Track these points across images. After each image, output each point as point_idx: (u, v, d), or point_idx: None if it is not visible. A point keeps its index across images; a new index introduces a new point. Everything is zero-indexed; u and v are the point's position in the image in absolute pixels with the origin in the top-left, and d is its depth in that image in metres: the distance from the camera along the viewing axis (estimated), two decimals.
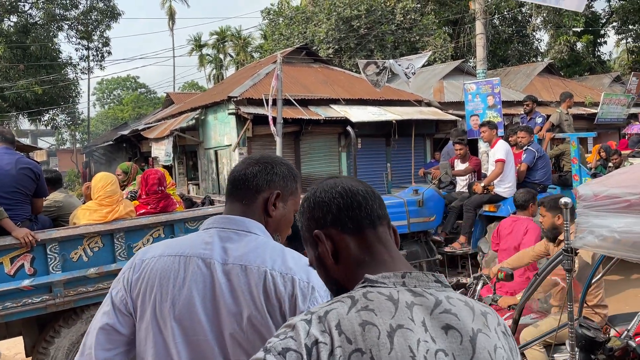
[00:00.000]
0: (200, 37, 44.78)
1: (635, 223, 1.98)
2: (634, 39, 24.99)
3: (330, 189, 1.10)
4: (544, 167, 6.93)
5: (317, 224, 1.09)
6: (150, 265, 1.38)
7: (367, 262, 1.03)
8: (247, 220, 1.43)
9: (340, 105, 12.93)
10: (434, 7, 21.79)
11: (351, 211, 1.06)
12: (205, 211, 4.90)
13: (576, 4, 7.41)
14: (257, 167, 1.48)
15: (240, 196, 1.47)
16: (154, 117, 19.85)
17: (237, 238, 1.39)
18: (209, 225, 1.44)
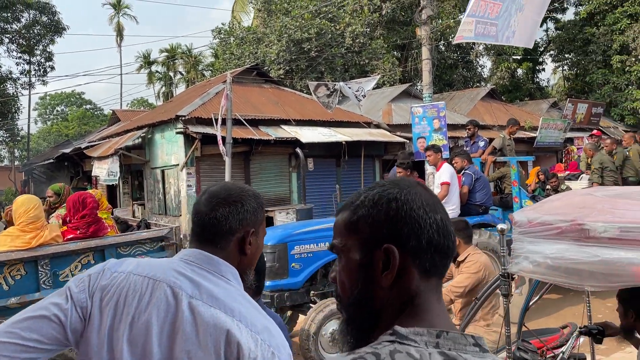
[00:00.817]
0: (150, 54, 44.09)
1: (567, 249, 2.06)
2: (569, 67, 26.44)
3: (430, 211, 0.91)
4: (483, 189, 7.14)
5: (393, 238, 0.90)
6: (118, 279, 1.31)
7: (414, 306, 0.90)
8: (223, 263, 1.37)
9: (291, 126, 12.96)
10: (382, 31, 22.35)
11: (439, 254, 0.91)
12: (139, 235, 4.76)
13: (525, 40, 7.79)
14: (226, 207, 1.41)
15: (212, 240, 1.40)
16: (99, 134, 19.25)
17: (211, 278, 1.33)
18: (185, 257, 1.38)
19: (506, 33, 7.19)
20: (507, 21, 7.14)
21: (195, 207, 1.44)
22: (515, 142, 17.31)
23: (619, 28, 21.69)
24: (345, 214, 0.96)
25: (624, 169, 9.22)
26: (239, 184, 1.52)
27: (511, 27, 7.19)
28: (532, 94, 26.13)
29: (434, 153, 7.05)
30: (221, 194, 1.44)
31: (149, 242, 5.09)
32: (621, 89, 22.04)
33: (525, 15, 7.29)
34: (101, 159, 13.12)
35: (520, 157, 8.67)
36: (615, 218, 2.00)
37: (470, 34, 7.12)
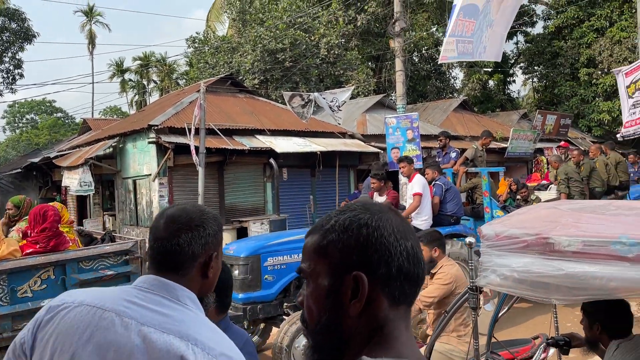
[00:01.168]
0: (123, 62, 43.55)
1: (532, 263, 2.09)
2: (539, 79, 27.05)
3: (402, 239, 0.90)
4: (454, 199, 7.24)
5: (363, 265, 0.88)
6: (65, 311, 1.26)
7: (382, 335, 0.89)
8: (180, 288, 1.32)
9: (266, 136, 12.93)
10: (357, 42, 22.54)
11: (409, 282, 0.90)
12: (102, 249, 4.67)
13: (495, 54, 7.96)
14: (189, 232, 1.37)
15: (174, 267, 1.35)
16: (69, 143, 18.87)
17: (167, 304, 1.28)
18: (139, 284, 1.32)
19: (479, 49, 7.35)
20: (480, 37, 7.30)
21: (154, 232, 1.38)
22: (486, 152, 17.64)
23: (585, 42, 22.32)
24: (315, 238, 0.94)
25: (590, 179, 9.42)
26: (197, 206, 1.48)
27: (483, 42, 7.35)
28: (503, 105, 26.63)
29: (408, 164, 7.13)
30: (182, 217, 1.39)
31: (112, 256, 4.99)
32: (588, 101, 22.64)
33: (494, 30, 7.47)
34: (71, 168, 12.86)
35: (491, 168, 8.81)
36: (579, 232, 2.04)
37: (453, 53, 7.27)
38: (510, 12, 7.63)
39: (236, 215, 12.53)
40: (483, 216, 8.02)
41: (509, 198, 9.95)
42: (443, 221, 7.06)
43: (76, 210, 15.83)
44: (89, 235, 6.09)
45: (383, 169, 8.16)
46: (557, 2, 23.20)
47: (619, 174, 10.19)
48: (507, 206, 8.58)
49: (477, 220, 8.20)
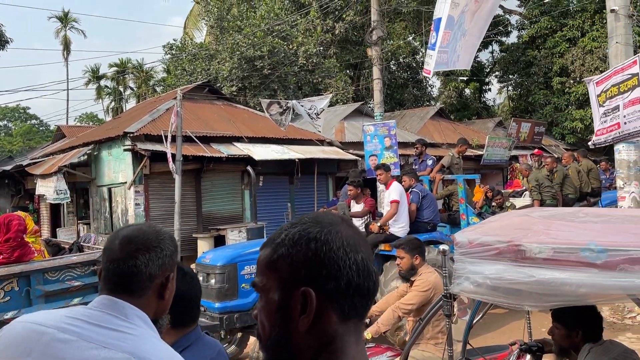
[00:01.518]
0: (99, 69, 42.98)
1: (505, 270, 2.11)
2: (513, 88, 27.55)
3: (351, 252, 0.88)
4: (430, 206, 7.27)
5: (311, 280, 0.87)
6: (9, 331, 1.23)
7: (330, 351, 0.88)
8: (129, 306, 1.29)
9: (243, 143, 12.88)
10: (335, 50, 22.67)
11: (359, 296, 0.89)
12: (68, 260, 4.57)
13: (466, 63, 8.07)
14: (146, 254, 1.34)
15: (130, 289, 1.32)
16: (42, 151, 18.51)
17: (113, 321, 1.25)
18: (91, 305, 1.30)
19: (453, 58, 7.44)
20: (454, 47, 7.40)
21: (109, 253, 1.35)
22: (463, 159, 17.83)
23: (558, 51, 22.83)
24: (267, 252, 0.93)
25: (563, 186, 9.59)
26: (153, 226, 1.45)
27: (457, 51, 7.44)
28: (479, 113, 27.03)
29: (385, 172, 7.15)
30: (138, 238, 1.36)
31: (79, 266, 4.89)
32: (561, 109, 23.12)
33: (467, 39, 7.57)
34: (45, 176, 12.61)
35: (467, 175, 8.90)
36: (549, 239, 2.07)
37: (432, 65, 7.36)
38: (484, 22, 7.75)
39: (213, 223, 12.43)
40: (459, 223, 8.08)
41: (484, 205, 10.07)
42: (420, 228, 7.07)
43: (50, 219, 15.51)
44: (57, 245, 5.96)
45: (360, 176, 8.18)
46: (531, 13, 23.70)
47: (591, 180, 10.40)
48: (482, 213, 8.68)
49: (454, 227, 8.26)
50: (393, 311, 3.89)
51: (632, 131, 7.33)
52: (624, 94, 7.32)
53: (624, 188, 7.93)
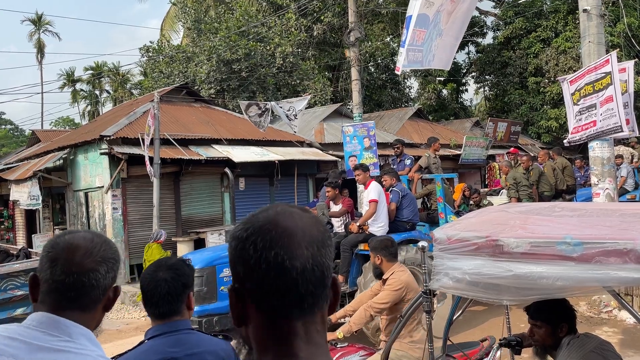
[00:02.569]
0: (74, 72, 42.33)
1: (483, 265, 2.13)
2: (490, 88, 27.90)
3: (263, 248, 0.84)
4: (410, 206, 7.30)
5: (236, 279, 0.88)
6: None
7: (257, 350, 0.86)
8: (73, 325, 1.21)
9: (222, 145, 12.79)
10: (314, 52, 22.68)
11: (275, 295, 0.84)
12: (11, 268, 4.39)
13: (444, 63, 8.14)
14: (105, 266, 1.27)
15: (83, 304, 1.24)
16: (17, 156, 18.13)
17: (56, 343, 1.17)
18: (27, 322, 1.20)
19: (428, 57, 7.50)
20: (429, 46, 7.46)
21: (63, 265, 1.24)
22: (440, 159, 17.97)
23: (533, 52, 23.20)
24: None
25: (539, 184, 9.73)
26: (97, 234, 1.36)
27: (432, 51, 7.51)
28: (457, 114, 27.32)
29: (363, 172, 7.17)
30: (95, 249, 1.28)
31: (23, 275, 4.64)
32: (537, 108, 23.49)
33: (444, 39, 7.64)
34: (19, 182, 12.35)
35: (445, 175, 9.00)
36: (526, 233, 2.09)
37: (405, 62, 7.39)
38: (461, 22, 7.83)
39: (193, 226, 12.32)
40: (438, 222, 8.16)
41: (462, 203, 10.17)
42: (399, 227, 7.11)
43: (25, 225, 15.19)
44: (5, 252, 5.71)
45: (339, 177, 8.19)
46: (506, 14, 24.05)
47: (566, 178, 10.58)
48: (460, 212, 8.78)
49: (432, 226, 8.34)
50: (365, 310, 3.92)
51: (605, 129, 7.48)
52: (599, 92, 7.47)
53: (598, 184, 8.09)
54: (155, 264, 2.08)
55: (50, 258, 1.25)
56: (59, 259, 1.24)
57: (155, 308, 1.99)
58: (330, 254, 0.87)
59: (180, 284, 2.02)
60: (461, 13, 7.81)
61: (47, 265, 1.25)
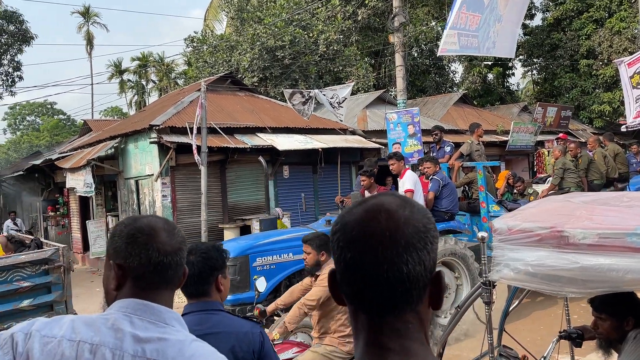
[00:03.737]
0: (121, 63, 43.49)
1: (547, 256, 2.08)
2: (538, 71, 26.99)
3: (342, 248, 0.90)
4: (450, 195, 7.05)
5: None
6: (49, 347, 1.18)
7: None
8: (166, 310, 1.27)
9: (267, 134, 12.91)
10: (357, 38, 22.50)
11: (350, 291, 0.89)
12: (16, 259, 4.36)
13: (507, 51, 7.88)
14: (184, 245, 1.36)
15: (172, 283, 1.32)
16: (70, 145, 18.86)
17: (155, 329, 1.22)
18: (123, 309, 1.25)
19: (486, 44, 7.28)
20: (487, 32, 7.23)
21: (160, 247, 1.29)
22: (487, 145, 17.50)
23: (585, 33, 22.28)
24: None
25: (588, 172, 9.28)
26: (159, 216, 1.43)
27: (491, 37, 7.28)
28: (503, 98, 26.58)
29: (397, 161, 6.98)
30: (174, 229, 1.35)
31: (29, 266, 4.59)
32: (589, 92, 22.61)
33: (504, 26, 7.39)
34: (74, 170, 12.86)
35: (486, 162, 8.68)
36: (594, 224, 2.03)
37: (454, 46, 7.19)
38: (520, 7, 7.56)
39: (239, 214, 12.53)
40: (479, 211, 7.91)
41: (506, 192, 9.81)
42: (437, 217, 6.83)
43: (79, 212, 15.83)
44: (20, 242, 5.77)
45: (374, 165, 7.93)
46: None
47: (618, 165, 10.08)
48: (503, 201, 8.41)
49: (474, 216, 8.11)
50: (299, 308, 3.86)
51: None
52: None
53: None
54: (189, 249, 2.20)
55: (140, 243, 1.28)
56: (150, 242, 1.28)
57: (186, 288, 2.17)
58: (420, 257, 0.85)
59: (208, 267, 2.17)
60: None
61: (138, 250, 1.27)
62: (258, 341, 2.12)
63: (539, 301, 7.31)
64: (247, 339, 2.09)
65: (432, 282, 0.89)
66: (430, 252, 0.88)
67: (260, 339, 2.14)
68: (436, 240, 0.90)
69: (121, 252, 1.29)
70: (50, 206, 17.77)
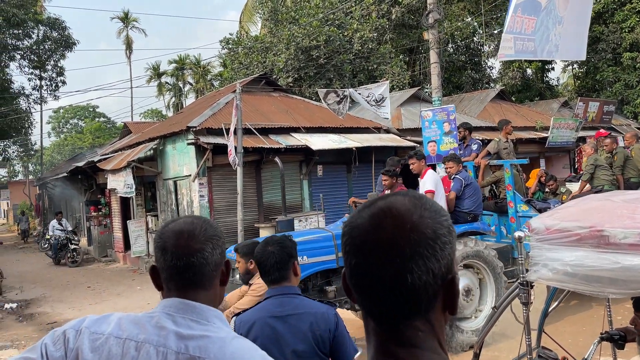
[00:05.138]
0: (159, 66, 44.50)
1: (586, 256, 2.04)
2: (579, 65, 26.22)
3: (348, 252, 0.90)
4: (473, 196, 6.74)
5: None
6: (98, 342, 1.24)
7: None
8: (207, 309, 1.31)
9: (301, 134, 12.99)
10: (392, 35, 22.36)
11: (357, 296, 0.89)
12: None
13: (574, 53, 7.62)
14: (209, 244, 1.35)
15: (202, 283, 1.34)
16: (111, 147, 19.43)
17: (197, 327, 1.26)
18: (166, 308, 1.30)
19: (547, 47, 7.02)
20: (546, 35, 6.97)
21: (174, 250, 1.33)
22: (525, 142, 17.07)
23: (628, 25, 21.52)
24: None
25: (625, 169, 8.79)
26: (197, 216, 1.46)
27: (552, 40, 7.01)
28: (542, 94, 25.94)
29: (417, 160, 6.71)
30: (197, 230, 1.36)
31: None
32: (633, 86, 21.83)
33: (566, 27, 7.11)
34: (115, 171, 13.24)
35: (514, 160, 8.16)
36: (635, 223, 1.98)
37: (510, 51, 7.00)
38: (583, 7, 7.26)
39: (274, 213, 12.65)
40: (507, 211, 7.58)
41: (537, 190, 9.38)
42: (459, 218, 6.58)
43: (120, 212, 16.30)
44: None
45: (397, 165, 7.68)
46: None
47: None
48: (532, 200, 7.98)
49: (501, 216, 7.77)
50: (227, 316, 3.76)
51: None
52: None
53: None
54: (265, 240, 2.54)
55: (160, 247, 1.35)
56: (167, 246, 1.33)
57: (268, 275, 2.43)
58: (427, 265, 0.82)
59: (286, 254, 2.44)
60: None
61: (159, 255, 1.35)
62: (333, 321, 2.34)
63: (581, 303, 7.12)
64: (325, 318, 2.32)
65: (445, 288, 0.85)
66: (441, 258, 0.83)
67: (335, 320, 2.35)
68: (449, 245, 0.85)
69: (154, 256, 1.39)
70: (92, 206, 18.35)
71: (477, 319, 6.30)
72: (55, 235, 16.80)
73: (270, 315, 2.30)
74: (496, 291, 6.35)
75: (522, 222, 7.35)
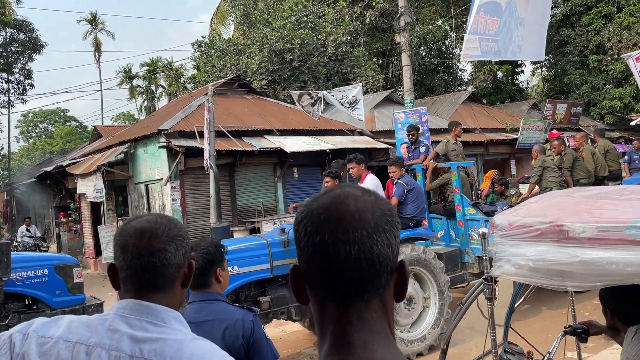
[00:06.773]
0: (130, 69, 43.89)
1: (547, 251, 2.08)
2: (547, 68, 26.80)
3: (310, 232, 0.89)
4: (416, 201, 6.64)
5: (297, 257, 0.99)
6: (46, 347, 1.18)
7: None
8: (163, 310, 1.25)
9: (275, 136, 12.96)
10: (365, 38, 22.50)
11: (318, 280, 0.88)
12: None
13: (535, 53, 7.74)
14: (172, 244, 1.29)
15: (161, 284, 1.28)
16: (81, 151, 19.06)
17: (153, 329, 1.21)
18: (120, 310, 1.24)
19: (510, 48, 7.14)
20: (509, 36, 7.10)
21: (133, 249, 1.27)
22: (496, 144, 17.33)
23: (594, 28, 22.08)
24: None
25: (574, 170, 8.71)
26: (162, 215, 1.38)
27: (515, 41, 7.14)
28: (513, 96, 26.42)
29: (357, 164, 6.61)
30: (160, 229, 1.30)
31: None
32: (599, 88, 22.40)
33: (528, 28, 7.23)
34: (84, 176, 12.99)
35: (460, 162, 8.07)
36: (593, 218, 2.02)
37: (476, 52, 7.07)
38: (543, 9, 7.42)
39: (248, 216, 12.58)
40: (455, 214, 7.54)
41: (491, 193, 9.19)
42: (401, 224, 6.50)
43: (90, 217, 15.99)
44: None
45: (342, 167, 7.54)
46: None
47: (609, 163, 9.56)
48: (478, 203, 7.86)
49: (450, 219, 7.75)
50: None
51: None
52: None
53: None
54: (191, 246, 2.38)
55: (120, 245, 1.29)
56: (128, 245, 1.28)
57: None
58: (388, 239, 0.86)
59: (207, 261, 2.42)
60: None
61: (119, 253, 1.29)
62: (249, 328, 2.31)
63: (551, 299, 7.25)
64: (238, 325, 2.30)
65: (397, 269, 0.89)
66: (396, 236, 0.89)
67: (251, 326, 2.32)
68: (399, 227, 0.91)
69: (113, 254, 1.33)
70: (62, 212, 17.96)
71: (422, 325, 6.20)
72: (23, 241, 16.37)
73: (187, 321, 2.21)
74: (439, 295, 6.22)
75: (470, 225, 7.35)
